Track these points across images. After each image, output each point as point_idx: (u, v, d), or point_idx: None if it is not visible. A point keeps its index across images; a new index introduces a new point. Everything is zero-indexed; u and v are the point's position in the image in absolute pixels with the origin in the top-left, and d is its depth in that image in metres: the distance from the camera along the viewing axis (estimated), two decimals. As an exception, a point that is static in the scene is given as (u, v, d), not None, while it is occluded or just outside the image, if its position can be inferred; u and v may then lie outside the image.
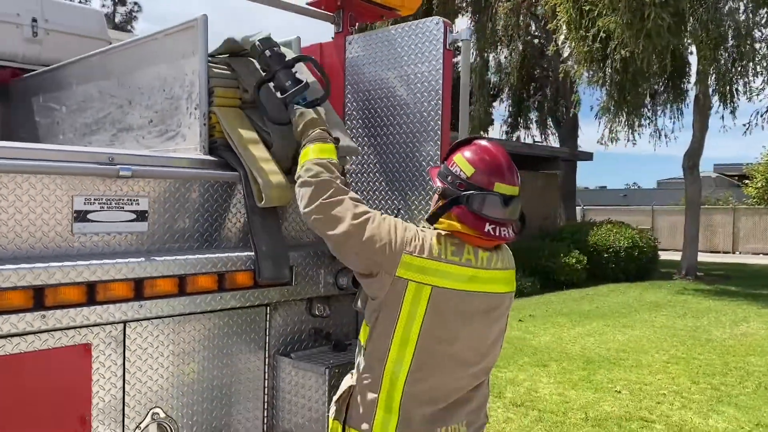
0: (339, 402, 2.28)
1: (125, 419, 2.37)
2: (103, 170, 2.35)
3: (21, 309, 2.03)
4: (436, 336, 2.10)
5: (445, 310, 2.10)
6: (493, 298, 2.18)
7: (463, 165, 2.16)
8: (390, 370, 2.13)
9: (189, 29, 2.83)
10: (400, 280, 2.08)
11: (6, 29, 4.26)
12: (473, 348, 2.18)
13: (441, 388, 2.16)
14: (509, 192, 2.14)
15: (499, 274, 2.20)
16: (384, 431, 2.13)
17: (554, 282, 14.19)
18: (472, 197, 2.08)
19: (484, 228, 2.08)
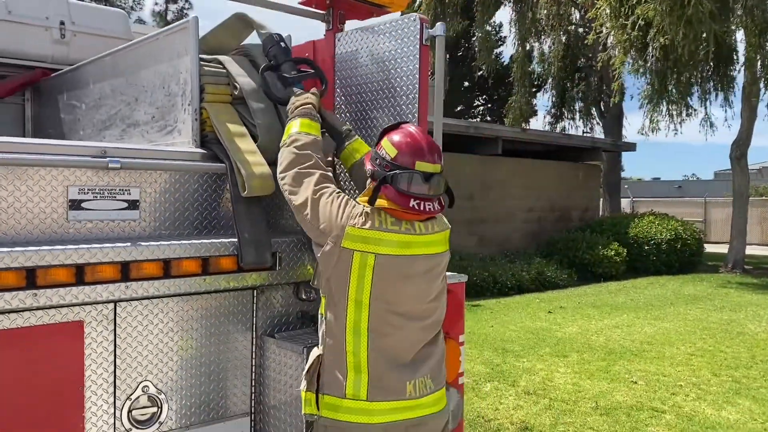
0: (309, 373, 2.46)
1: (116, 391, 2.58)
2: (94, 162, 2.56)
3: (14, 287, 2.26)
4: (384, 298, 2.34)
5: (390, 275, 2.33)
6: (432, 258, 2.43)
7: (388, 147, 2.40)
8: (351, 333, 2.35)
9: (183, 30, 3.02)
10: (345, 251, 2.31)
11: (36, 32, 4.53)
12: (419, 305, 2.42)
13: (400, 344, 2.38)
14: (430, 170, 2.35)
15: (435, 236, 2.44)
16: (356, 390, 2.33)
17: (592, 274, 14.05)
18: (396, 176, 2.31)
19: (409, 203, 2.30)
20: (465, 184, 14.28)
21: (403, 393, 2.36)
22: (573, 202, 17.17)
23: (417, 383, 2.39)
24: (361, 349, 2.34)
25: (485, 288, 11.67)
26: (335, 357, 2.39)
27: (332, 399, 2.38)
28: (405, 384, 2.37)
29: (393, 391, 2.35)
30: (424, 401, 2.41)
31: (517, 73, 20.93)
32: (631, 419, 5.09)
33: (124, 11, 5.28)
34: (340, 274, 2.35)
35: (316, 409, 2.42)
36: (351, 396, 2.34)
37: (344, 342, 2.36)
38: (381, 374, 2.34)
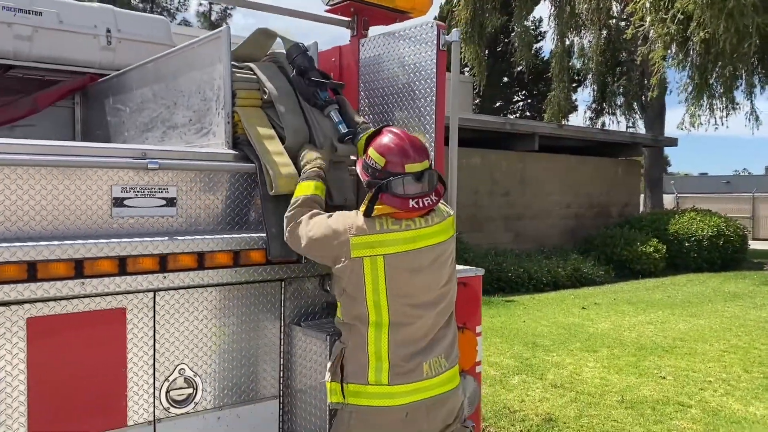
0: (333, 365, 2.64)
1: (155, 372, 2.83)
2: (135, 163, 2.80)
3: (64, 277, 2.51)
4: (399, 294, 2.51)
5: (401, 271, 2.51)
6: (437, 248, 2.59)
7: (375, 157, 2.57)
8: (373, 328, 2.53)
9: (216, 39, 3.25)
10: (356, 260, 2.50)
11: (85, 40, 4.83)
12: (432, 292, 2.59)
13: (418, 331, 2.56)
14: (419, 168, 2.51)
15: (438, 227, 2.60)
16: (378, 377, 2.52)
17: (630, 271, 13.94)
18: (390, 183, 2.48)
19: (408, 204, 2.49)
20: (501, 180, 14.33)
21: (420, 374, 2.52)
22: (612, 199, 17.01)
23: (432, 363, 2.56)
24: (381, 340, 2.52)
25: (520, 284, 11.72)
26: (357, 349, 2.57)
27: (356, 386, 2.55)
28: (422, 365, 2.53)
29: (412, 373, 2.51)
30: (439, 380, 2.57)
31: (555, 69, 20.83)
32: (656, 413, 5.15)
33: (166, 18, 5.55)
34: (356, 282, 2.52)
35: (341, 398, 2.60)
36: (374, 382, 2.51)
37: (366, 336, 2.54)
38: (400, 360, 2.51)
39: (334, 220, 2.59)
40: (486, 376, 6.08)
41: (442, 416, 2.61)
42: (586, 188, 16.24)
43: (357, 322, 2.57)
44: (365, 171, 2.62)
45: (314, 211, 2.74)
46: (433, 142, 3.09)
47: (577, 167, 16.14)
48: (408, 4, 3.55)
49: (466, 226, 13.45)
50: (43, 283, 2.46)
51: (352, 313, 2.59)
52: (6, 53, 4.47)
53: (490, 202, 14.13)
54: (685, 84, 14.86)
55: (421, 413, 2.54)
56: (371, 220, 2.51)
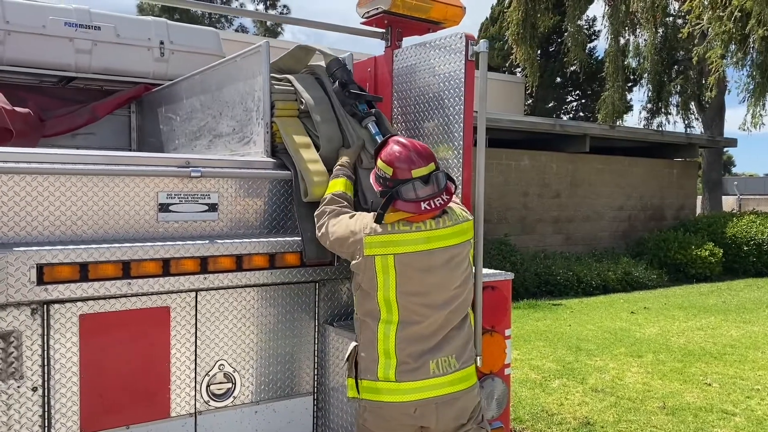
0: (348, 361, 2.81)
1: (197, 367, 3.02)
2: (179, 171, 3.00)
3: (113, 277, 2.72)
4: (410, 292, 2.64)
5: (411, 271, 2.63)
6: (450, 249, 2.69)
7: (384, 167, 2.72)
8: (383, 325, 2.67)
9: (257, 53, 3.42)
10: (369, 258, 2.65)
11: (140, 52, 5.11)
12: (444, 293, 2.67)
13: (427, 330, 2.65)
14: (426, 172, 2.66)
15: (451, 230, 2.70)
16: (387, 372, 2.64)
17: (684, 275, 13.61)
18: (400, 190, 2.63)
19: (420, 208, 2.62)
20: (551, 182, 14.20)
21: (426, 372, 2.61)
22: (666, 201, 16.61)
23: (440, 362, 2.64)
24: (390, 337, 2.63)
25: (568, 287, 11.61)
26: (368, 345, 2.70)
27: (368, 382, 2.69)
28: (428, 362, 2.62)
29: (418, 371, 2.61)
30: (448, 379, 2.64)
31: (610, 68, 20.40)
32: (697, 420, 5.09)
33: (215, 29, 5.79)
34: (369, 278, 2.67)
35: (356, 393, 2.74)
36: (383, 378, 2.64)
37: (376, 332, 2.67)
38: (407, 358, 2.62)
39: (354, 221, 2.75)
40: (526, 380, 6.10)
41: (453, 415, 2.67)
42: (639, 190, 15.92)
43: (368, 318, 2.70)
44: (377, 182, 2.77)
45: (339, 209, 2.90)
46: (461, 149, 3.17)
47: (630, 169, 15.83)
48: (441, 15, 3.65)
49: (515, 228, 13.39)
50: (94, 283, 2.67)
51: (364, 308, 2.73)
52: (68, 66, 4.78)
53: (539, 204, 14.02)
54: (746, 83, 14.40)
55: (429, 410, 2.61)
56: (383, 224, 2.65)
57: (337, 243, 2.80)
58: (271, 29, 37.89)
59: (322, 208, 2.97)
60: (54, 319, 2.65)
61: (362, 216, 2.77)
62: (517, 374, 6.25)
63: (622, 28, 19.63)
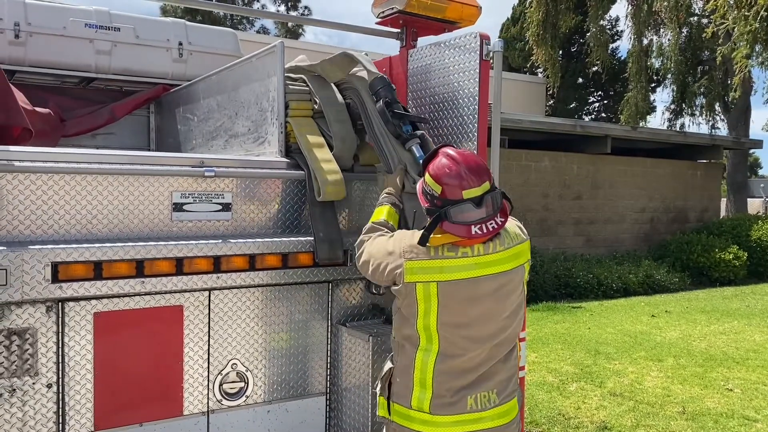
0: (382, 380, 2.61)
1: (210, 366, 3.03)
2: (193, 171, 3.01)
3: (127, 276, 2.74)
4: (452, 323, 2.39)
5: (455, 300, 2.37)
6: (500, 277, 2.41)
7: (432, 184, 2.44)
8: (421, 354, 2.44)
9: (272, 54, 3.43)
10: (410, 285, 2.40)
11: (159, 53, 5.15)
12: (490, 325, 2.41)
13: (468, 364, 2.42)
14: (478, 192, 2.37)
15: (502, 255, 2.42)
16: (420, 404, 2.43)
17: (707, 279, 13.39)
18: (449, 211, 2.35)
19: (471, 232, 2.35)
20: (572, 183, 14.07)
21: (464, 407, 2.40)
22: (690, 203, 16.37)
23: (479, 397, 2.41)
24: (428, 369, 2.41)
25: (588, 290, 11.49)
26: (404, 371, 2.49)
27: (401, 408, 2.50)
28: (466, 397, 2.40)
29: (454, 405, 2.40)
30: (487, 414, 2.43)
31: (632, 69, 20.17)
32: (718, 426, 5.00)
33: (233, 30, 5.82)
34: (409, 304, 2.42)
35: (387, 414, 2.56)
36: (416, 408, 2.44)
37: (414, 359, 2.45)
38: (444, 392, 2.40)
39: (391, 241, 2.52)
40: (543, 383, 6.05)
41: None
42: (661, 192, 15.71)
43: (407, 343, 2.49)
44: (424, 197, 2.50)
45: (377, 234, 2.70)
46: (476, 149, 3.15)
47: (653, 170, 15.63)
48: (456, 15, 3.63)
49: (535, 230, 13.28)
50: (108, 281, 2.70)
51: (402, 333, 2.52)
52: (88, 67, 4.84)
53: (560, 206, 13.89)
54: (771, 83, 14.13)
55: None
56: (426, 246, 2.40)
57: (376, 271, 2.54)
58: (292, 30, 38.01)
59: (362, 237, 2.76)
60: (68, 317, 2.68)
61: (402, 235, 2.52)
62: (534, 377, 6.20)
63: (645, 27, 19.41)
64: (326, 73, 3.45)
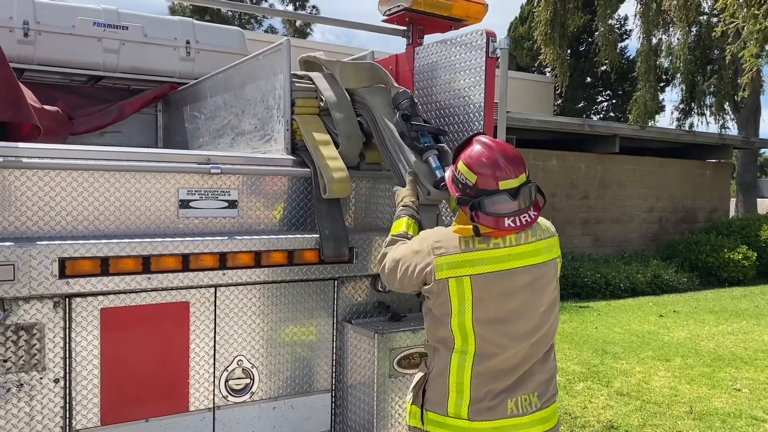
0: (415, 388, 2.48)
1: (216, 363, 3.04)
2: (199, 168, 3.03)
3: (133, 272, 2.76)
4: (488, 319, 2.30)
5: (489, 294, 2.29)
6: (533, 270, 2.33)
7: (466, 173, 2.36)
8: (457, 356, 2.33)
9: (278, 51, 3.44)
10: (441, 282, 2.30)
11: (166, 51, 5.18)
12: (527, 321, 2.32)
13: (507, 363, 2.31)
14: (515, 184, 2.29)
15: (534, 246, 2.35)
16: (458, 411, 2.32)
17: (716, 279, 13.30)
18: (483, 202, 2.28)
19: (504, 224, 2.28)
20: (580, 183, 14.03)
21: (504, 412, 2.30)
22: (698, 203, 16.29)
23: (520, 400, 2.32)
24: (465, 371, 2.31)
25: (596, 290, 11.44)
26: (439, 376, 2.38)
27: (436, 416, 2.38)
28: (506, 401, 2.30)
29: (494, 410, 2.30)
30: (528, 419, 2.32)
31: (641, 68, 20.06)
32: (725, 425, 4.97)
33: (240, 29, 5.84)
34: (441, 303, 2.33)
35: (420, 423, 2.43)
36: (453, 414, 2.33)
37: (449, 366, 2.34)
38: (483, 395, 2.31)
39: (417, 241, 2.44)
40: (550, 381, 6.03)
41: None
42: (670, 192, 15.64)
43: (441, 346, 2.39)
44: (455, 185, 2.42)
45: (398, 244, 2.60)
46: (481, 148, 3.14)
47: (661, 170, 15.57)
48: (463, 12, 3.63)
49: (542, 229, 13.24)
50: (114, 277, 2.71)
51: (436, 336, 2.41)
52: (96, 65, 4.87)
53: (567, 205, 13.85)
54: (781, 83, 14.03)
55: None
56: (455, 238, 2.33)
57: (405, 275, 2.43)
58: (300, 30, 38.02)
59: (384, 250, 2.66)
60: (75, 312, 2.69)
61: (426, 234, 2.45)
62: (540, 376, 6.18)
63: (654, 26, 19.30)
64: (342, 75, 3.41)
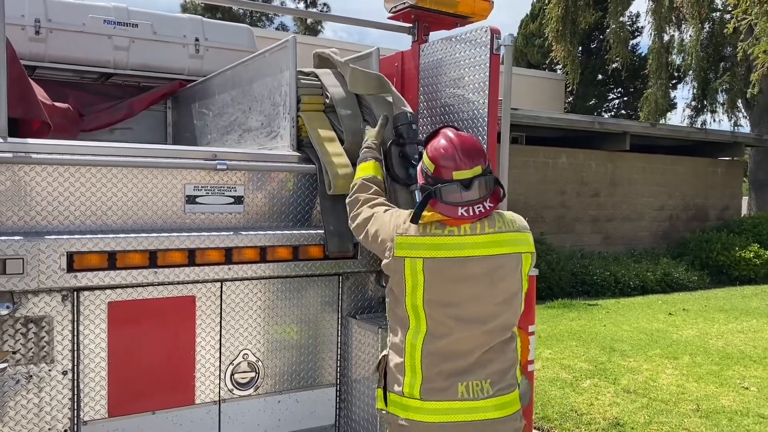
0: (379, 371, 2.64)
1: (221, 356, 3.08)
2: (206, 164, 3.06)
3: (140, 266, 2.80)
4: (438, 301, 2.40)
5: (441, 277, 2.39)
6: (489, 260, 2.41)
7: (427, 163, 2.51)
8: (410, 336, 2.45)
9: (284, 48, 3.47)
10: (399, 259, 2.44)
11: (176, 49, 5.21)
12: (479, 308, 2.41)
13: (457, 346, 2.40)
14: (469, 175, 2.42)
15: (491, 237, 2.43)
16: (412, 390, 2.42)
17: (727, 277, 13.23)
18: (439, 190, 2.42)
19: (457, 213, 2.40)
20: (590, 181, 13.98)
21: (455, 394, 2.38)
22: (710, 201, 16.19)
23: (471, 385, 2.40)
24: (416, 351, 2.42)
25: (605, 288, 11.41)
26: (396, 357, 2.50)
27: (395, 397, 2.48)
28: (456, 384, 2.39)
29: (444, 391, 2.39)
30: (481, 404, 2.39)
31: (653, 65, 19.95)
32: (732, 424, 4.96)
33: (250, 26, 5.87)
34: (398, 281, 2.45)
35: (384, 405, 2.56)
36: (408, 395, 2.43)
37: (404, 343, 2.46)
38: (433, 375, 2.40)
39: (388, 216, 2.58)
40: (557, 379, 6.04)
41: None
42: (681, 190, 15.56)
43: (398, 326, 2.51)
44: (421, 174, 2.57)
45: (375, 200, 2.76)
46: (485, 143, 3.16)
47: (673, 168, 15.48)
48: (468, 9, 3.64)
49: (552, 227, 13.23)
50: (122, 271, 2.75)
51: (395, 317, 2.55)
52: (107, 62, 4.92)
53: (577, 203, 13.81)
54: (793, 80, 13.91)
55: None
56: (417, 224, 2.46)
57: (371, 240, 2.63)
58: (311, 27, 38.04)
59: (355, 195, 2.83)
60: (83, 306, 2.74)
61: (397, 213, 2.59)
62: (547, 373, 6.19)
63: (666, 23, 19.18)
64: (351, 80, 3.41)
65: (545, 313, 9.23)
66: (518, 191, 12.72)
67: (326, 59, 3.72)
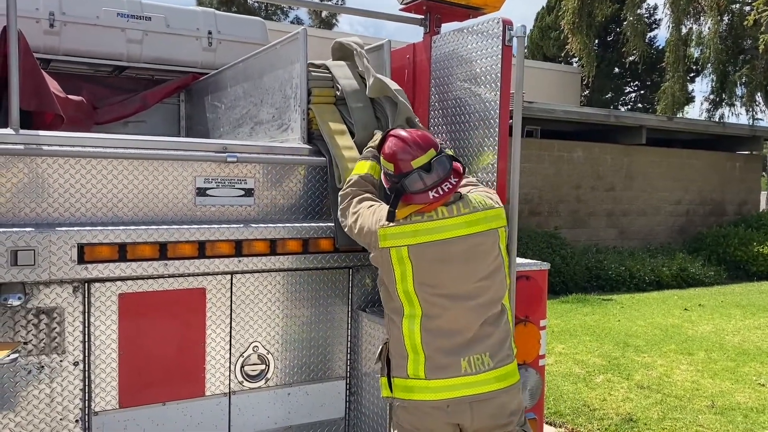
0: (381, 359, 2.73)
1: (231, 348, 3.09)
2: (216, 157, 3.06)
3: (150, 258, 2.80)
4: (427, 284, 2.55)
5: (427, 261, 2.54)
6: (469, 239, 2.57)
7: (386, 165, 2.69)
8: (407, 320, 2.58)
9: (294, 41, 3.46)
10: (384, 250, 2.59)
11: (189, 42, 5.22)
12: (466, 284, 2.56)
13: (452, 324, 2.55)
14: (426, 159, 2.58)
15: (467, 218, 2.58)
16: (416, 370, 2.55)
17: (745, 273, 13.09)
18: (405, 184, 2.56)
19: (429, 197, 2.55)
20: (606, 174, 13.87)
21: (458, 370, 2.50)
22: (728, 196, 16.00)
23: (472, 360, 2.52)
24: (415, 332, 2.54)
25: (620, 282, 11.34)
26: (397, 342, 2.62)
27: (400, 380, 2.59)
28: (459, 360, 2.51)
29: (448, 368, 2.50)
30: (483, 377, 2.51)
31: (670, 58, 19.76)
32: (747, 420, 4.90)
33: (262, 19, 5.86)
34: (387, 271, 2.60)
35: (389, 392, 2.64)
36: (413, 375, 2.54)
37: (401, 328, 2.58)
38: (435, 353, 2.52)
39: (371, 212, 2.70)
40: (570, 374, 6.00)
41: (489, 413, 2.53)
42: (698, 184, 15.39)
43: (394, 315, 2.63)
44: (386, 179, 2.73)
45: (364, 196, 2.86)
46: (497, 136, 3.13)
47: (689, 162, 15.31)
48: (481, 1, 3.60)
49: (567, 221, 13.15)
50: (132, 263, 2.76)
51: (389, 306, 2.66)
52: (120, 55, 4.94)
53: (592, 197, 13.71)
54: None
55: (463, 408, 2.50)
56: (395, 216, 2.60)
57: (356, 232, 2.76)
58: (326, 21, 37.98)
59: (347, 189, 2.94)
60: (94, 297, 2.75)
61: (380, 208, 2.71)
62: (560, 368, 6.16)
63: (684, 16, 18.97)
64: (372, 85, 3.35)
65: (559, 307, 9.18)
66: (533, 185, 12.65)
67: (347, 50, 3.65)
